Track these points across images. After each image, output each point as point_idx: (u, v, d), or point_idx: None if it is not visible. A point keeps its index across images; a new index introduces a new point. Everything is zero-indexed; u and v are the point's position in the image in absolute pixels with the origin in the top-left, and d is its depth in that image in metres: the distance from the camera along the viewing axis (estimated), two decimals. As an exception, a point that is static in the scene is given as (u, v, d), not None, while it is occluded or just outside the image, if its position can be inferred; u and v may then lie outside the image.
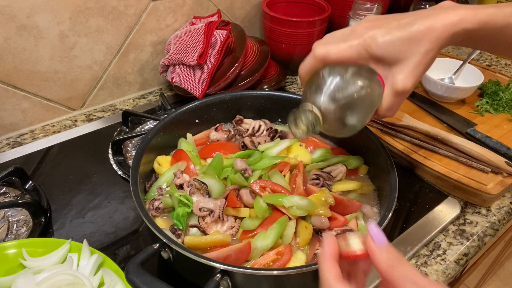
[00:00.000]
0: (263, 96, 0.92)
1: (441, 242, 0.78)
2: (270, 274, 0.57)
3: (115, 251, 0.73)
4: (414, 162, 0.89)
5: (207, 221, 0.68)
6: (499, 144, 0.90)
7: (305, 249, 0.68)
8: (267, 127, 0.89)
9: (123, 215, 0.79)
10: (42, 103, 1.00)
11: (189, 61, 0.97)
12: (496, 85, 1.08)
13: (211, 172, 0.73)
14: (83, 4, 0.93)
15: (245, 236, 0.67)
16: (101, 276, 0.63)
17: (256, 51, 1.07)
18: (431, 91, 1.07)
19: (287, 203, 0.67)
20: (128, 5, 1.00)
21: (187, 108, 0.86)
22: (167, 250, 0.60)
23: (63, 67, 0.98)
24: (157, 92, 1.17)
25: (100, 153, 0.92)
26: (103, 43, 1.01)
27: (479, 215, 0.83)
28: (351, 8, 1.14)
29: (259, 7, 1.26)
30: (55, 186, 0.84)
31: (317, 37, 1.18)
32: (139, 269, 0.53)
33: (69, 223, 0.77)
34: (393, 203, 0.65)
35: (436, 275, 0.72)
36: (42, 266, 0.63)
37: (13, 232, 0.74)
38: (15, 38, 0.89)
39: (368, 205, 0.76)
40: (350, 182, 0.79)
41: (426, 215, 0.81)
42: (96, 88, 1.07)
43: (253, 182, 0.71)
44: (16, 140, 0.98)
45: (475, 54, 1.11)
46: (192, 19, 1.10)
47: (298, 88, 1.21)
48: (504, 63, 1.38)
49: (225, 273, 0.55)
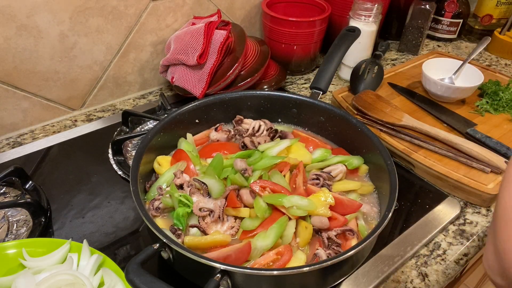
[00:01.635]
0: (263, 96, 0.92)
1: (441, 242, 0.78)
2: (270, 274, 0.56)
3: (115, 251, 0.73)
4: (414, 162, 0.89)
5: (207, 221, 0.68)
6: (499, 144, 0.90)
7: (305, 249, 0.68)
8: (267, 127, 0.89)
9: (123, 215, 0.79)
10: (42, 103, 1.00)
11: (189, 61, 0.97)
12: (496, 85, 1.08)
13: (211, 172, 0.73)
14: (83, 4, 0.93)
15: (245, 236, 0.67)
16: (101, 276, 0.63)
17: (256, 51, 1.07)
18: (431, 91, 1.07)
19: (287, 203, 0.67)
20: (128, 5, 1.00)
21: (187, 108, 0.86)
22: (167, 250, 0.60)
23: (63, 67, 0.98)
24: (157, 92, 1.17)
25: (100, 153, 0.92)
26: (103, 43, 1.01)
27: (479, 215, 0.83)
28: (351, 8, 1.14)
29: (259, 7, 1.26)
30: (55, 186, 0.84)
31: (317, 37, 1.18)
32: (139, 269, 0.53)
33: (69, 223, 0.77)
34: (393, 203, 0.65)
35: (436, 275, 0.72)
36: (42, 266, 0.63)
37: (13, 232, 0.74)
38: (15, 38, 0.89)
39: (368, 205, 0.76)
40: (350, 182, 0.79)
41: (426, 215, 0.81)
42: (96, 88, 1.07)
43: (253, 182, 0.71)
44: (16, 140, 0.98)
45: (475, 54, 1.11)
46: (192, 19, 1.10)
47: (298, 88, 1.21)
48: (504, 63, 1.38)
49: (225, 273, 0.55)
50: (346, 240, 0.68)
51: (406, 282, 0.70)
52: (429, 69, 1.08)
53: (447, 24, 1.46)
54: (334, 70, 0.93)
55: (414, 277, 0.71)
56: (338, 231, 0.68)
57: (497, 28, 1.44)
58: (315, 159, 0.82)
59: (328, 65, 0.93)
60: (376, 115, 0.98)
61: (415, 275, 0.72)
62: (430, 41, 1.52)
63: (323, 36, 1.21)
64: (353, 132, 0.84)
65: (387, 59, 1.38)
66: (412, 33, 1.36)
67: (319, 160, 0.82)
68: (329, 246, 0.67)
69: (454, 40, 1.52)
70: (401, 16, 1.39)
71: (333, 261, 0.57)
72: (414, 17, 1.32)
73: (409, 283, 0.70)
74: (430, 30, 1.50)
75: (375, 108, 1.00)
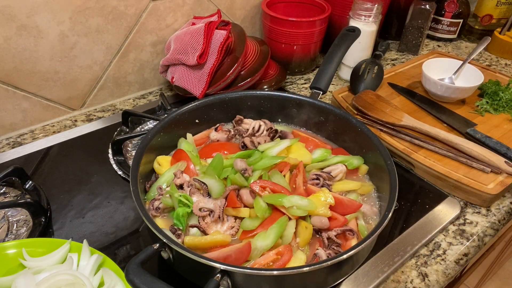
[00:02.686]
0: (263, 96, 0.92)
1: (441, 242, 0.78)
2: (270, 274, 0.56)
3: (115, 251, 0.73)
4: (414, 162, 0.89)
5: (207, 221, 0.68)
6: (499, 144, 0.90)
7: (305, 249, 0.68)
8: (267, 127, 0.89)
9: (123, 215, 0.79)
10: (42, 103, 1.00)
11: (189, 61, 0.97)
12: (496, 85, 1.08)
13: (211, 172, 0.73)
14: (83, 4, 0.93)
15: (245, 236, 0.67)
16: (101, 276, 0.63)
17: (256, 51, 1.07)
18: (431, 91, 1.07)
19: (287, 203, 0.67)
20: (128, 5, 1.00)
21: (187, 108, 0.86)
22: (167, 250, 0.60)
23: (63, 67, 0.98)
24: (157, 92, 1.17)
25: (100, 153, 0.92)
26: (103, 43, 1.01)
27: (479, 215, 0.83)
28: (351, 8, 1.14)
29: (259, 7, 1.26)
30: (55, 186, 0.84)
31: (317, 37, 1.18)
32: (139, 269, 0.53)
33: (69, 223, 0.77)
34: (393, 203, 0.65)
35: (436, 275, 0.72)
36: (42, 266, 0.63)
37: (13, 232, 0.74)
38: (15, 38, 0.89)
39: (368, 205, 0.76)
40: (350, 182, 0.79)
41: (426, 215, 0.81)
42: (96, 88, 1.07)
43: (253, 182, 0.71)
44: (16, 140, 0.98)
45: (475, 54, 1.11)
46: (192, 19, 1.10)
47: (298, 88, 1.21)
48: (504, 63, 1.38)
49: (225, 273, 0.55)
50: (346, 240, 0.68)
51: (406, 282, 0.70)
52: (429, 69, 1.08)
53: (447, 24, 1.46)
54: (334, 70, 0.93)
55: (414, 277, 0.71)
56: (338, 231, 0.68)
57: (497, 28, 1.44)
58: (315, 159, 0.82)
59: (328, 65, 0.93)
60: (376, 115, 0.98)
61: (415, 275, 0.72)
62: (430, 41, 1.52)
63: (323, 36, 1.21)
64: (353, 132, 0.84)
65: (387, 59, 1.38)
66: (412, 33, 1.36)
67: (319, 160, 0.82)
68: (329, 246, 0.67)
69: (454, 40, 1.52)
70: (401, 16, 1.39)
71: (333, 261, 0.57)
72: (414, 17, 1.32)
73: (409, 283, 0.70)
74: (430, 30, 1.50)
75: (375, 108, 1.00)
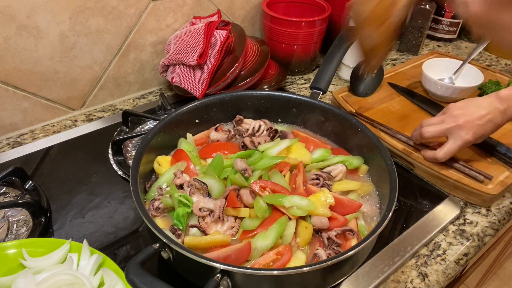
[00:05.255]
0: (263, 96, 0.92)
1: (441, 242, 0.78)
2: (270, 274, 0.57)
3: (115, 251, 0.73)
4: (414, 162, 0.89)
5: (207, 221, 0.68)
6: (499, 144, 0.90)
7: (305, 249, 0.68)
8: (267, 127, 0.89)
9: (123, 215, 0.79)
10: (42, 103, 1.00)
11: (189, 61, 0.97)
12: (496, 85, 1.08)
13: (211, 172, 0.73)
14: (83, 4, 0.93)
15: (245, 236, 0.67)
16: (101, 276, 0.63)
17: (256, 51, 1.07)
18: (431, 91, 1.07)
19: (287, 203, 0.67)
20: (128, 5, 1.00)
21: (187, 108, 0.86)
22: (167, 250, 0.60)
23: (63, 67, 0.98)
24: (157, 92, 1.17)
25: (100, 153, 0.92)
26: (103, 43, 1.01)
27: (479, 215, 0.83)
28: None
29: (259, 7, 1.26)
30: (55, 186, 0.84)
31: (317, 37, 1.18)
32: (139, 269, 0.53)
33: (69, 223, 0.77)
34: (393, 203, 0.65)
35: (436, 275, 0.72)
36: (42, 266, 0.63)
37: (13, 232, 0.74)
38: (15, 38, 0.89)
39: (368, 205, 0.76)
40: (350, 182, 0.79)
41: (426, 215, 0.81)
42: (96, 88, 1.07)
43: (253, 182, 0.71)
44: (16, 140, 0.98)
45: (475, 54, 1.11)
46: (192, 19, 1.10)
47: (298, 88, 1.21)
48: (504, 63, 1.38)
49: (225, 273, 0.55)
50: (346, 240, 0.68)
51: (406, 282, 0.70)
52: (429, 69, 1.08)
53: (447, 24, 1.46)
54: (334, 70, 0.93)
55: (414, 277, 0.71)
56: (338, 231, 0.68)
57: (497, 28, 1.44)
58: (315, 159, 0.82)
59: (328, 65, 0.93)
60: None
61: (415, 275, 0.72)
62: (430, 41, 1.52)
63: (323, 36, 1.21)
64: (353, 132, 0.84)
65: (387, 59, 1.38)
66: (412, 33, 1.36)
67: (319, 160, 0.82)
68: (329, 246, 0.67)
69: (454, 40, 1.52)
70: (401, 16, 1.39)
71: (333, 261, 0.57)
72: (414, 17, 1.32)
73: (409, 283, 0.70)
74: (430, 30, 1.50)
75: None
